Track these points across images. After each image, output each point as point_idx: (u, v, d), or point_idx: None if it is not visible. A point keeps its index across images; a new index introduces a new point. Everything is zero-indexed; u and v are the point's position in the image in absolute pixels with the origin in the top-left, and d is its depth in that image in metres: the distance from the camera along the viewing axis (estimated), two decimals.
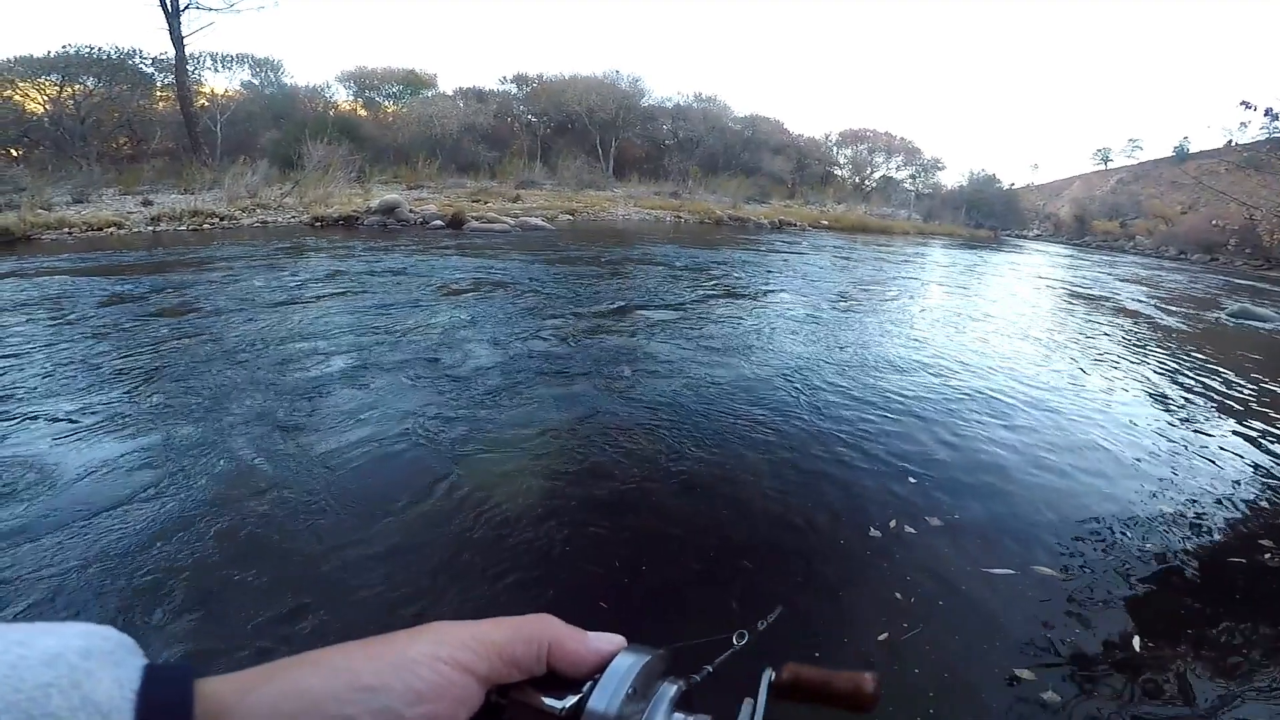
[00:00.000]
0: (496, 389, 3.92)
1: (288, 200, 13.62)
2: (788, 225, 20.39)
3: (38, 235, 10.02)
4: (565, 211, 17.42)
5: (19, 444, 2.93)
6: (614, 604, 2.08)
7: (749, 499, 2.75)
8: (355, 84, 27.48)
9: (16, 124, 18.36)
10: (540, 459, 3.02)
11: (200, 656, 1.75)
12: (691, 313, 6.53)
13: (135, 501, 2.47)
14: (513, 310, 6.15)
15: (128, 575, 2.04)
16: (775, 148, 31.27)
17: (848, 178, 35.24)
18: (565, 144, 27.66)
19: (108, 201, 12.90)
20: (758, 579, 2.22)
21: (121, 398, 3.55)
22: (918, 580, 2.25)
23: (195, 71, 21.19)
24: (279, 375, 4.01)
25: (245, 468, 2.79)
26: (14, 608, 1.89)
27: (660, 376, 4.31)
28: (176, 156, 18.28)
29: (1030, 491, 3.01)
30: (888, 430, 3.59)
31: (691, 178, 26.06)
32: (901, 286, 10.12)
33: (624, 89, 29.67)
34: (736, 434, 3.40)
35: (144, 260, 8.41)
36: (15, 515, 2.35)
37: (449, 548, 2.29)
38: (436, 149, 22.97)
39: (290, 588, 2.03)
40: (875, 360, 5.12)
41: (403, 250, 9.86)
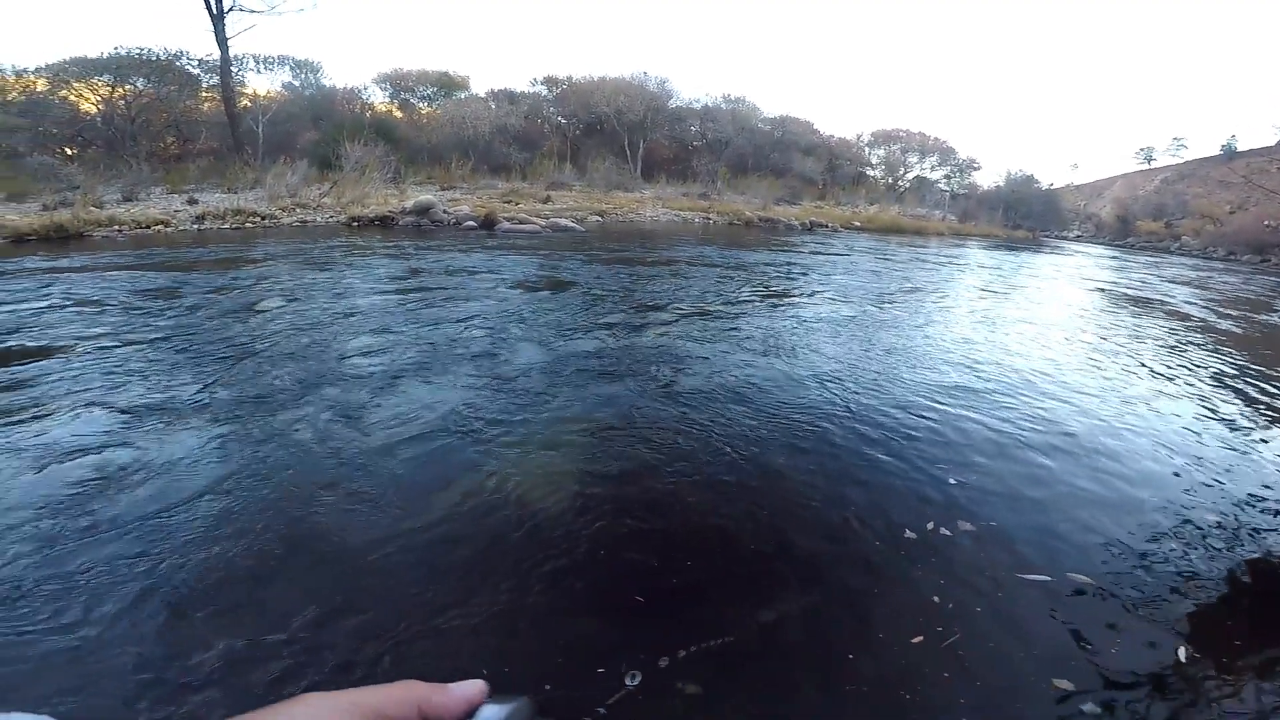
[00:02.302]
0: (537, 386, 3.99)
1: (326, 200, 14.02)
2: (819, 226, 20.18)
3: (90, 232, 10.51)
4: (594, 213, 17.54)
5: (87, 435, 3.10)
6: (649, 599, 2.10)
7: (783, 499, 2.75)
8: (391, 85, 28.08)
9: (71, 123, 19.27)
10: (578, 455, 3.07)
11: (243, 654, 1.80)
12: (725, 313, 6.53)
13: (190, 494, 2.57)
14: (548, 310, 6.23)
15: (178, 567, 2.13)
16: (806, 148, 30.95)
17: (880, 178, 34.69)
18: (594, 145, 27.83)
19: (155, 200, 13.44)
20: (790, 578, 2.22)
21: (183, 391, 3.71)
22: (952, 584, 2.23)
23: (238, 73, 21.95)
24: (328, 370, 4.15)
25: (298, 460, 2.90)
26: (74, 601, 2.01)
27: (696, 377, 4.34)
28: (220, 156, 18.96)
29: (1070, 498, 2.96)
30: (925, 433, 3.55)
31: (720, 179, 25.96)
32: (939, 288, 9.95)
33: (652, 90, 29.72)
34: (771, 434, 3.40)
35: (193, 258, 8.75)
36: (73, 508, 2.48)
37: (488, 542, 2.34)
38: (469, 150, 23.32)
39: (335, 582, 2.09)
40: (913, 362, 5.06)
41: (437, 250, 10.07)
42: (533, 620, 1.99)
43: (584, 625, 1.98)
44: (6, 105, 18.80)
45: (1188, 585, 2.37)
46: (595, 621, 2.00)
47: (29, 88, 20.04)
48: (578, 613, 2.05)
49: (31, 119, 18.36)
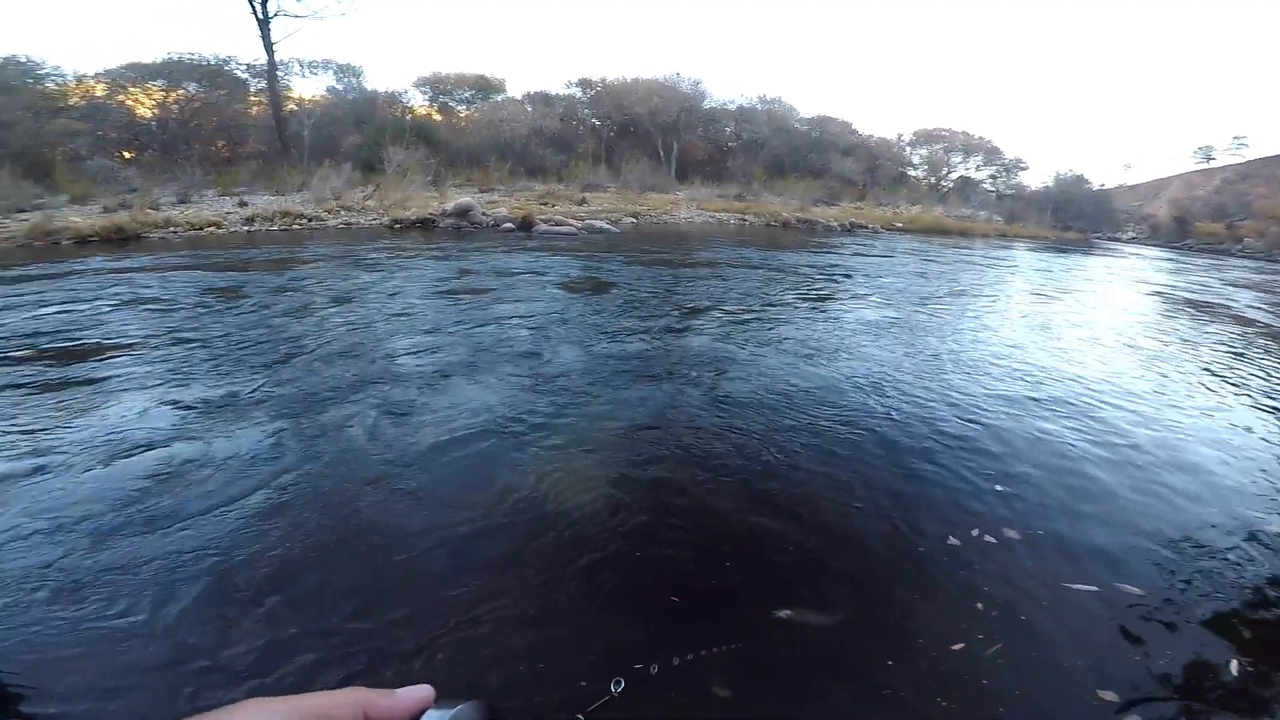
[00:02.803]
0: (577, 387, 4.09)
1: (369, 203, 14.48)
2: (859, 227, 19.94)
3: (147, 234, 11.08)
4: (629, 214, 17.67)
5: (154, 429, 3.33)
6: (684, 599, 2.14)
7: (824, 503, 2.76)
8: (430, 88, 28.75)
9: (129, 127, 20.29)
10: (616, 455, 3.14)
11: (290, 644, 1.88)
12: (764, 316, 6.54)
13: (246, 489, 2.72)
14: (588, 311, 6.34)
15: (232, 560, 2.25)
16: (844, 149, 30.54)
17: (923, 178, 34.02)
18: (628, 147, 27.95)
19: (208, 202, 14.09)
20: (828, 583, 2.24)
21: (242, 387, 3.93)
22: (997, 592, 2.21)
23: (284, 77, 22.79)
24: (379, 368, 4.33)
25: (348, 456, 3.05)
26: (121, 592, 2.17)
27: (735, 379, 4.37)
28: (269, 159, 19.73)
29: (1120, 508, 2.92)
30: (971, 439, 3.53)
31: (756, 180, 25.84)
32: (987, 290, 9.77)
33: (685, 91, 29.69)
34: (812, 439, 3.41)
35: (246, 259, 9.17)
36: (137, 501, 2.66)
37: (525, 540, 2.41)
38: (506, 152, 23.72)
39: (379, 577, 2.18)
40: (960, 367, 5.00)
41: (478, 252, 10.31)
42: (566, 618, 2.04)
43: (616, 624, 2.02)
44: (69, 110, 19.92)
45: (1244, 598, 2.32)
46: (628, 620, 2.05)
47: (89, 92, 21.19)
48: (611, 611, 2.09)
49: (92, 123, 19.42)
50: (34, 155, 17.03)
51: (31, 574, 2.14)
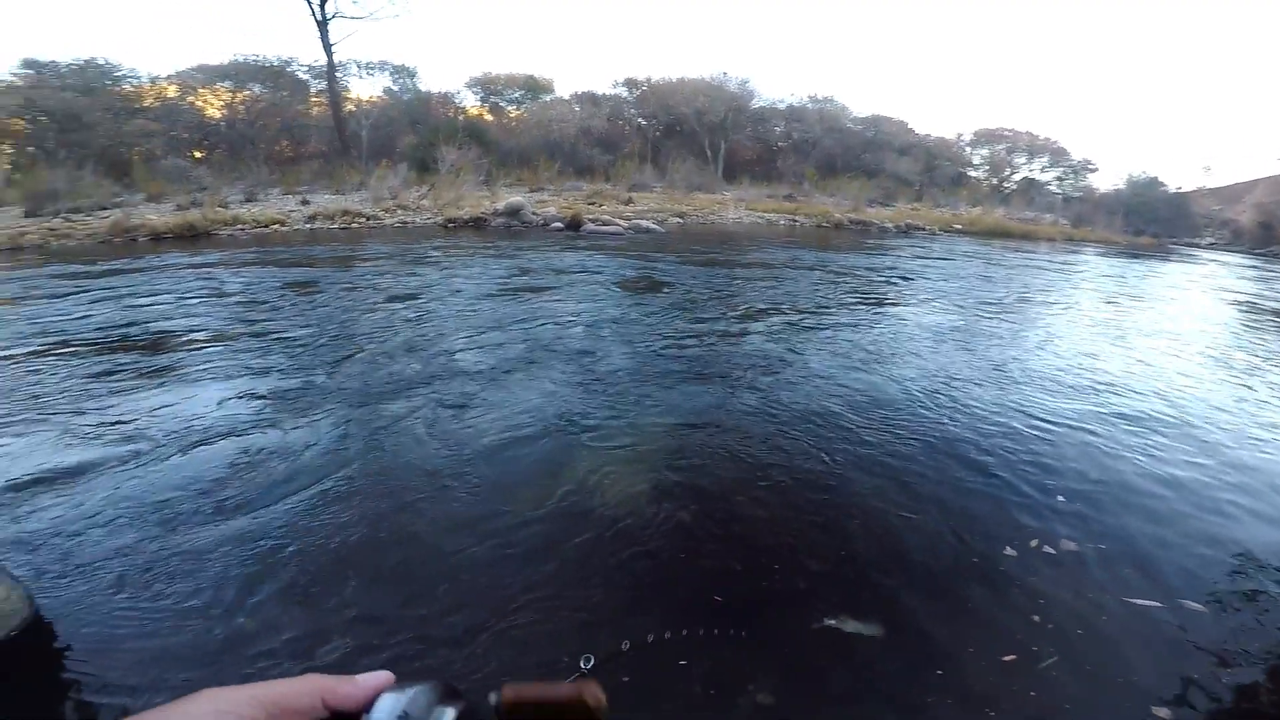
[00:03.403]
0: (628, 387, 4.11)
1: (424, 202, 14.81)
2: (916, 229, 19.34)
3: (216, 231, 11.57)
4: (675, 214, 17.58)
5: (230, 418, 3.44)
6: (728, 601, 2.13)
7: (876, 509, 2.73)
8: (482, 89, 29.30)
9: (199, 127, 21.29)
10: (665, 456, 3.14)
11: (333, 631, 1.94)
12: (817, 318, 6.41)
13: (312, 480, 2.80)
14: (639, 311, 6.33)
15: (294, 550, 2.31)
16: (900, 148, 29.75)
17: (984, 179, 32.86)
18: (674, 146, 27.89)
19: (272, 201, 14.65)
20: (878, 590, 2.21)
21: (312, 379, 4.04)
22: (1052, 605, 2.17)
23: (343, 77, 23.57)
24: (440, 364, 4.40)
25: (410, 450, 3.12)
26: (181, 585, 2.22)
27: (787, 382, 4.32)
28: (329, 159, 20.43)
29: (1188, 525, 2.79)
30: (1033, 451, 3.41)
31: (807, 180, 25.40)
32: (1054, 296, 9.32)
33: (732, 91, 29.45)
34: (867, 444, 3.37)
35: (311, 255, 9.45)
36: (210, 490, 2.73)
37: (573, 538, 2.43)
38: (555, 152, 23.97)
39: (432, 571, 2.23)
40: (1024, 376, 4.81)
41: (531, 251, 10.40)
42: (606, 613, 2.06)
43: (659, 623, 2.02)
44: (144, 111, 21.05)
45: None
46: (671, 621, 2.05)
47: (162, 93, 22.37)
48: (652, 608, 2.10)
49: (165, 124, 20.48)
50: (113, 155, 18.04)
51: (108, 557, 2.24)
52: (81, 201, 12.83)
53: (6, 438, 3.15)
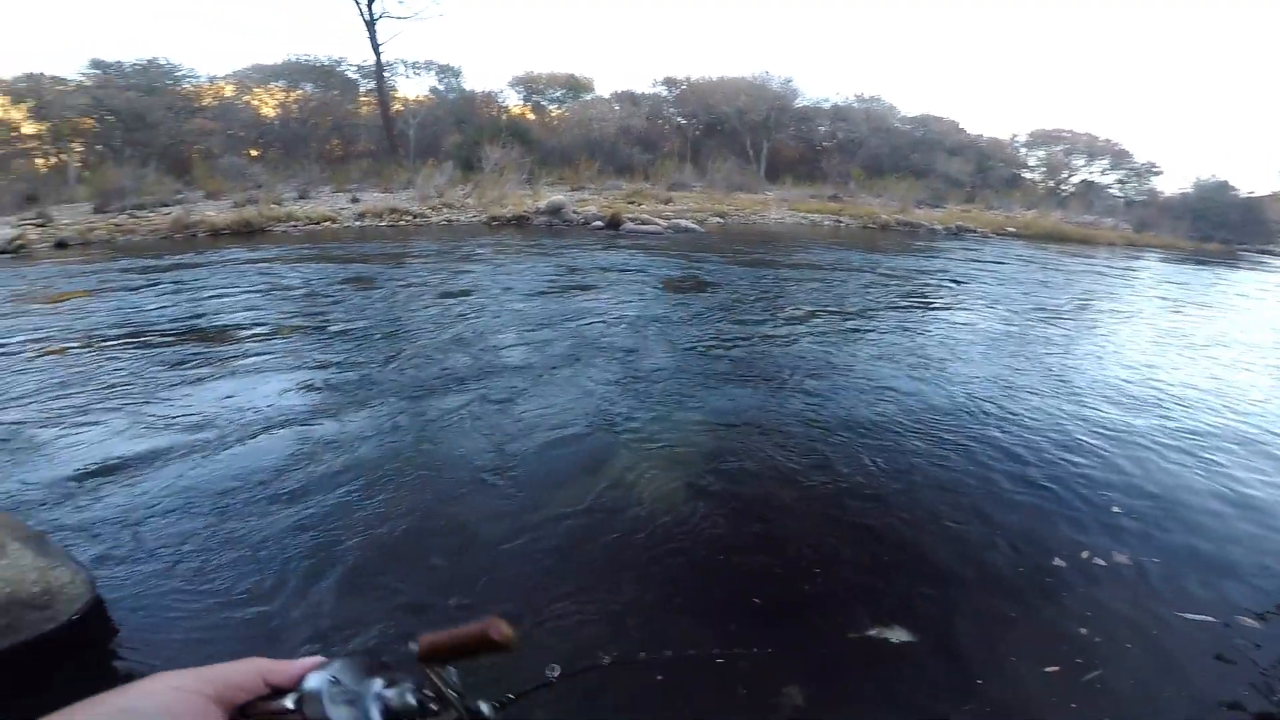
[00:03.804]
0: (671, 386, 4.14)
1: (469, 200, 15.06)
2: (966, 231, 18.79)
3: (271, 227, 11.98)
4: (715, 214, 17.46)
5: (289, 409, 3.58)
6: (766, 602, 2.14)
7: (921, 516, 2.72)
8: (524, 88, 29.63)
9: (254, 126, 22.07)
10: (706, 457, 3.16)
11: (373, 618, 2.01)
12: (864, 321, 6.31)
13: (363, 472, 2.90)
14: (682, 310, 6.33)
15: (342, 540, 2.39)
16: (951, 148, 28.93)
17: (1039, 181, 31.74)
18: (715, 145, 27.70)
19: (324, 199, 15.10)
20: (920, 597, 2.20)
21: (367, 373, 4.17)
22: (1101, 617, 2.12)
23: (390, 77, 24.14)
24: (490, 359, 4.53)
25: (458, 444, 3.22)
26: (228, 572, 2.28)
27: (833, 385, 4.30)
28: (377, 158, 20.97)
29: (1251, 543, 2.71)
30: (1090, 460, 3.33)
31: (853, 180, 24.94)
32: (1115, 303, 8.99)
33: (775, 90, 29.08)
34: (913, 450, 3.33)
35: (364, 252, 9.71)
36: (266, 480, 2.83)
37: (612, 536, 2.47)
38: (595, 151, 24.10)
39: (474, 564, 2.30)
40: (1082, 385, 4.65)
41: (573, 249, 10.48)
42: (643, 613, 2.08)
43: (694, 622, 2.05)
44: (203, 110, 21.95)
45: None
46: (706, 620, 2.07)
47: (219, 93, 23.27)
48: (689, 609, 2.11)
49: (223, 123, 21.30)
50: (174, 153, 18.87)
51: (167, 545, 2.35)
52: (145, 198, 13.44)
53: (81, 426, 3.32)
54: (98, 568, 2.21)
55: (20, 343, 4.70)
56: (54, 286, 6.80)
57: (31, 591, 1.96)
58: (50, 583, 2.02)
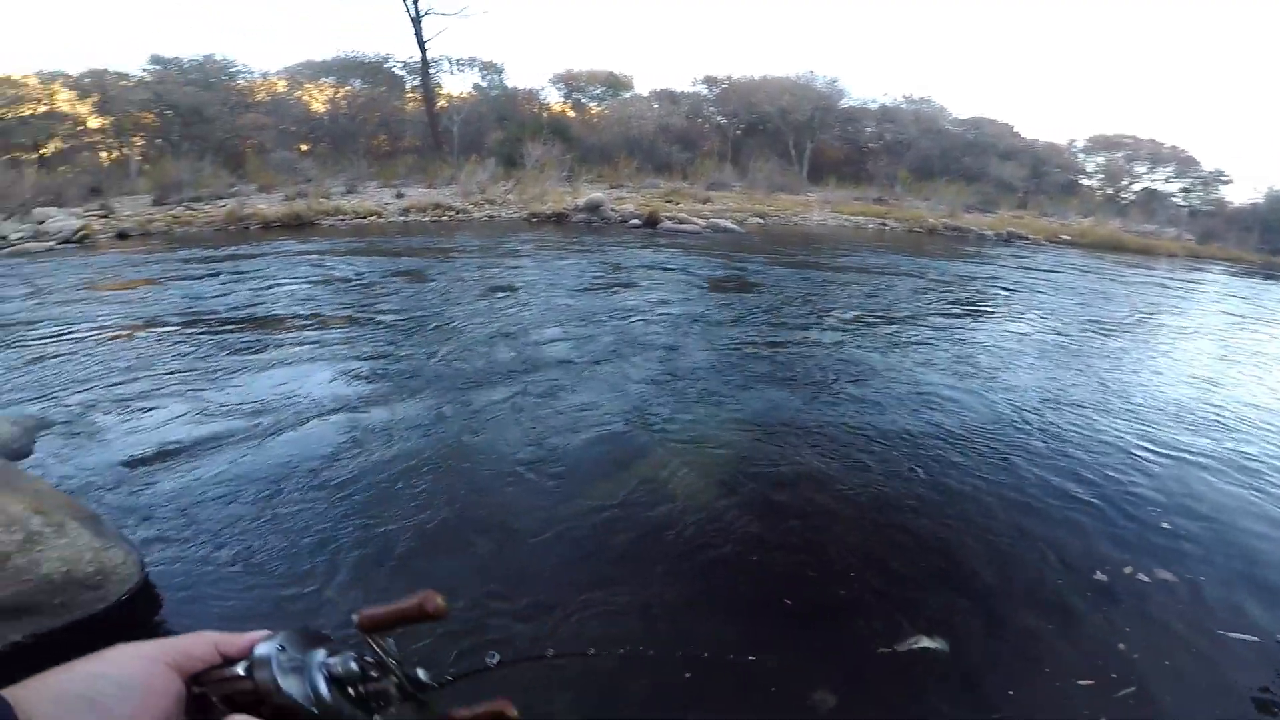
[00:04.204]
0: (711, 385, 4.15)
1: (510, 197, 15.22)
2: (1018, 238, 18.14)
3: (319, 220, 12.32)
4: (755, 214, 17.28)
5: (341, 397, 3.67)
6: (797, 604, 2.15)
7: (961, 527, 2.67)
8: (564, 85, 29.86)
9: (305, 121, 22.72)
10: (743, 457, 3.16)
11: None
12: (909, 327, 6.17)
13: (408, 461, 2.96)
14: (723, 309, 6.31)
15: (384, 528, 2.44)
16: (1004, 152, 28.04)
17: (1098, 188, 30.51)
18: (756, 145, 27.44)
19: (370, 193, 15.46)
20: (956, 605, 2.18)
21: (415, 364, 4.27)
22: (1140, 633, 2.10)
23: (435, 74, 24.59)
24: (532, 353, 4.61)
25: (499, 436, 3.27)
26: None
27: (874, 390, 4.23)
28: (422, 154, 21.38)
29: None
30: (1137, 479, 3.21)
31: (900, 182, 24.36)
32: (1174, 316, 8.56)
33: (820, 90, 28.66)
34: (956, 460, 3.26)
35: (412, 246, 9.92)
36: (315, 466, 2.87)
37: (645, 532, 2.49)
38: (634, 149, 24.13)
39: (509, 555, 2.34)
40: (1136, 401, 4.47)
41: (613, 247, 10.53)
42: (672, 610, 2.10)
43: (724, 621, 2.06)
44: (256, 105, 22.70)
45: None
46: (737, 620, 2.08)
47: (272, 88, 24.06)
48: (720, 609, 2.13)
49: (275, 118, 21.99)
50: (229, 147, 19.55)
51: (215, 529, 2.41)
52: (201, 191, 13.97)
53: (142, 410, 3.45)
54: (147, 549, 2.27)
55: (91, 327, 4.94)
56: (121, 275, 7.14)
57: (86, 571, 2.00)
58: (104, 563, 2.06)
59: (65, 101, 19.46)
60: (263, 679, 0.43)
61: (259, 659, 0.44)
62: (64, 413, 3.39)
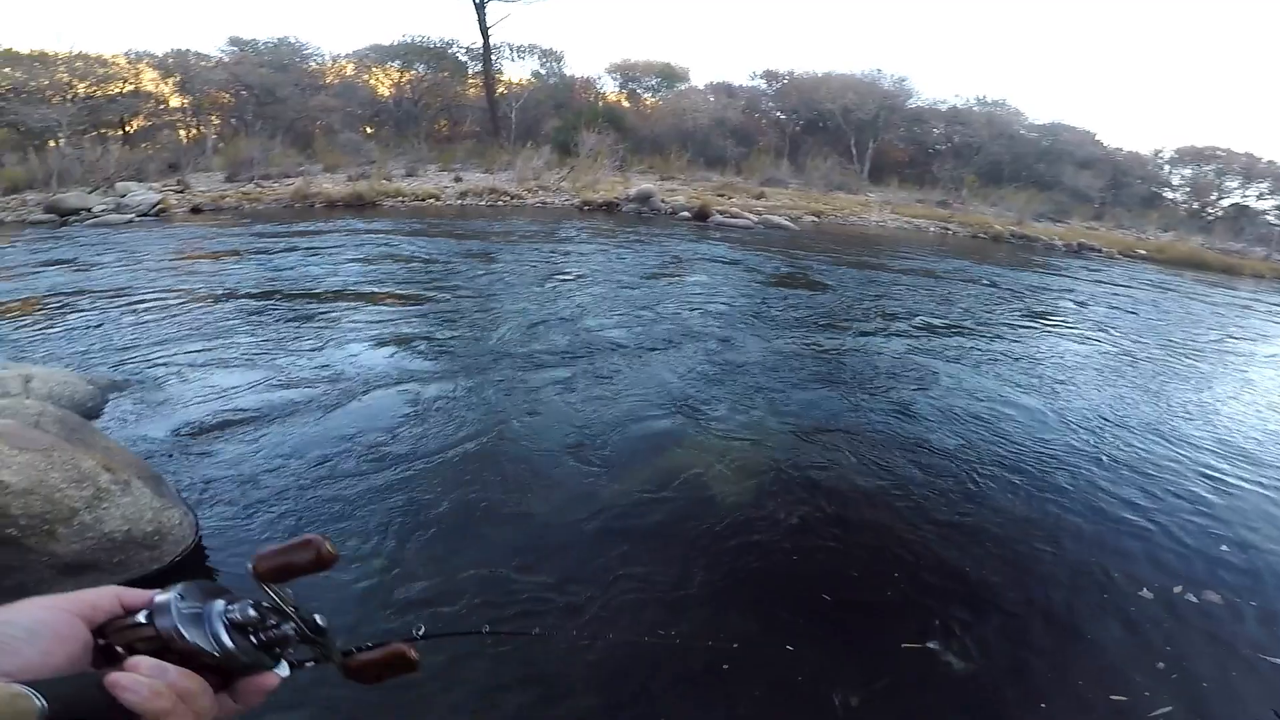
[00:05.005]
0: (761, 380, 4.16)
1: (563, 184, 15.33)
2: (1090, 250, 17.23)
3: (380, 201, 12.69)
4: (810, 212, 16.94)
5: (402, 371, 3.84)
6: (837, 600, 2.17)
7: (1007, 537, 2.66)
8: (621, 75, 29.81)
9: (370, 104, 23.35)
10: (788, 454, 3.16)
11: (451, 582, 2.13)
12: (972, 334, 6.06)
13: (459, 437, 3.07)
14: (774, 305, 6.31)
15: (429, 503, 2.54)
16: (1082, 161, 26.61)
17: (1182, 202, 28.63)
18: (815, 143, 26.84)
19: (430, 176, 15.84)
20: (997, 613, 2.18)
21: (473, 344, 4.46)
22: (1182, 652, 2.08)
23: (496, 60, 24.90)
24: (585, 339, 4.70)
25: (548, 418, 3.37)
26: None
27: (931, 396, 4.19)
28: (481, 139, 21.73)
29: None
30: (1200, 504, 3.13)
31: (966, 186, 23.41)
32: (1262, 343, 8.04)
33: (886, 89, 27.78)
34: (1009, 472, 3.22)
35: (472, 229, 10.25)
36: (371, 441, 3.05)
37: (683, 521, 2.54)
38: (687, 141, 23.94)
39: (544, 538, 2.41)
40: (1208, 423, 4.30)
41: (665, 238, 10.61)
42: (708, 599, 2.14)
43: (758, 612, 2.11)
44: (326, 87, 23.43)
45: None
46: (772, 612, 2.12)
47: (341, 71, 24.79)
48: (756, 601, 2.17)
49: (342, 100, 22.67)
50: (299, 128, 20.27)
51: (269, 498, 2.51)
52: (271, 169, 14.53)
53: (210, 377, 3.67)
54: (203, 513, 2.39)
55: (172, 295, 5.33)
56: (200, 247, 7.65)
57: (145, 531, 2.06)
58: (162, 523, 2.12)
59: (150, 81, 20.54)
60: (164, 625, 0.44)
61: (159, 606, 0.45)
62: (139, 374, 3.58)
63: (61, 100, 16.29)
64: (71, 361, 3.72)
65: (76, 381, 3.23)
